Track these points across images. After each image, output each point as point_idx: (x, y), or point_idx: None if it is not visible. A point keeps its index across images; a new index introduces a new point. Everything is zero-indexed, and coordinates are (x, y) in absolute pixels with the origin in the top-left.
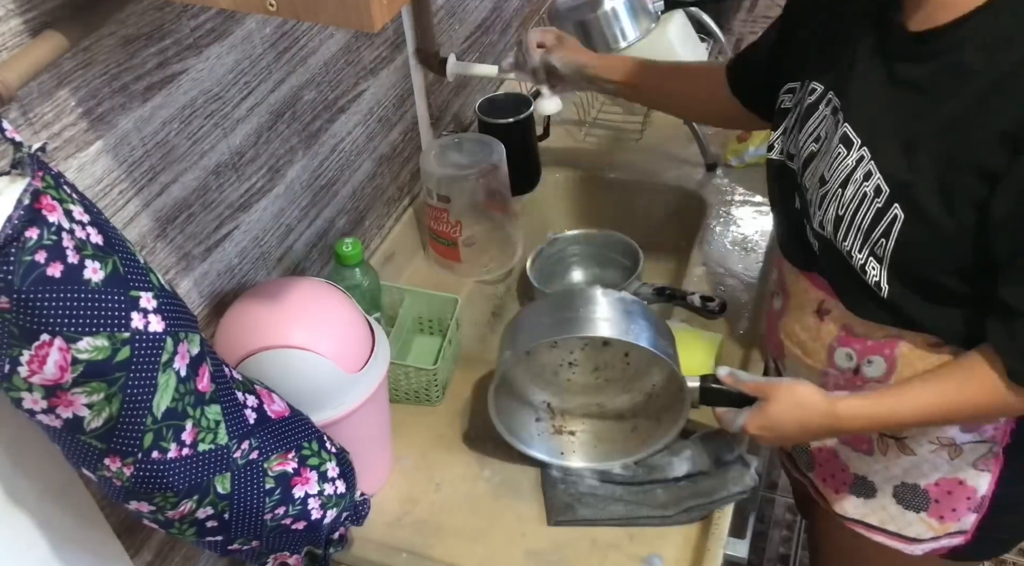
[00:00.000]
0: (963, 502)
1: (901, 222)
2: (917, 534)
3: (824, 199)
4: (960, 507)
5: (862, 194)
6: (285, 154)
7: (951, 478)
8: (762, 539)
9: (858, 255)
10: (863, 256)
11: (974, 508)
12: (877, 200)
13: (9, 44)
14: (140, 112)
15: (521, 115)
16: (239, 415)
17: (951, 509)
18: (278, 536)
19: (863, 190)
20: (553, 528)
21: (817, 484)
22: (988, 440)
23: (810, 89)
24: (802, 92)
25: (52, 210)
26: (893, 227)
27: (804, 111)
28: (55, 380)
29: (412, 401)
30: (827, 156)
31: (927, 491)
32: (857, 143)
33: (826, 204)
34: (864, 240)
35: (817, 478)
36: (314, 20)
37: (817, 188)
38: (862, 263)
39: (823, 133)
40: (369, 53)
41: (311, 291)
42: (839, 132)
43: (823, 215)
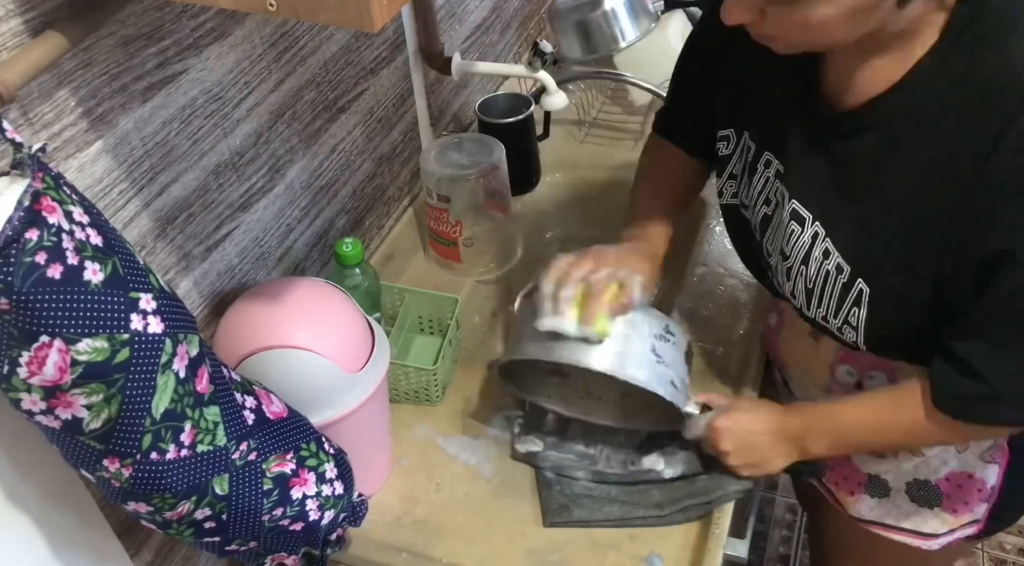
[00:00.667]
0: (974, 494)
1: (868, 295)
2: (933, 529)
3: (790, 273)
4: (972, 499)
5: (825, 271)
6: (285, 154)
7: (960, 472)
8: (762, 539)
9: (833, 321)
10: (838, 321)
11: (985, 499)
12: (841, 276)
13: (9, 44)
14: (140, 112)
15: (521, 115)
16: (237, 416)
17: (963, 502)
18: (276, 537)
19: (825, 268)
20: (553, 528)
21: (831, 488)
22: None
23: (746, 146)
24: (738, 144)
25: (52, 211)
26: (862, 298)
27: (748, 167)
28: (54, 381)
29: (412, 401)
30: (781, 229)
31: (938, 486)
32: (809, 219)
33: (793, 277)
34: (836, 310)
35: (830, 483)
36: (314, 20)
37: (781, 261)
38: (838, 327)
39: (771, 197)
40: (369, 53)
41: (311, 291)
42: (788, 207)
43: (792, 286)
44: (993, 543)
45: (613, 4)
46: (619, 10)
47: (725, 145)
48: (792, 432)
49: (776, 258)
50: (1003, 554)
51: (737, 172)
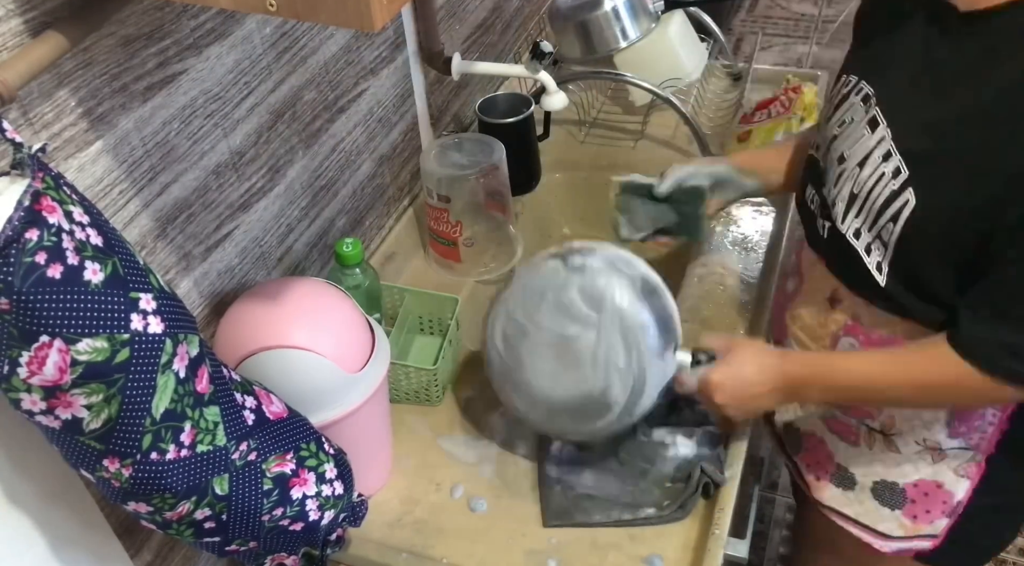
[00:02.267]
0: (938, 506)
1: (911, 208)
2: (888, 530)
3: (840, 177)
4: (935, 510)
5: (879, 174)
6: (285, 154)
7: (930, 480)
8: (762, 539)
9: (866, 235)
10: (870, 236)
11: (948, 513)
12: (893, 182)
13: (9, 44)
14: (140, 112)
15: (521, 115)
16: (237, 416)
17: (925, 510)
18: (276, 537)
19: (881, 170)
20: (553, 528)
21: (801, 468)
22: (972, 448)
23: (846, 81)
24: (838, 86)
25: (52, 211)
26: (902, 212)
27: (837, 101)
28: (54, 381)
29: (412, 401)
30: (850, 137)
31: (905, 490)
32: (883, 124)
33: (842, 182)
34: (873, 221)
35: (802, 462)
36: (314, 20)
37: (835, 166)
38: (868, 243)
39: (848, 118)
40: (369, 53)
41: (311, 291)
42: (868, 115)
43: (837, 192)
44: None
45: (613, 4)
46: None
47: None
48: (790, 383)
49: (830, 170)
50: (1003, 554)
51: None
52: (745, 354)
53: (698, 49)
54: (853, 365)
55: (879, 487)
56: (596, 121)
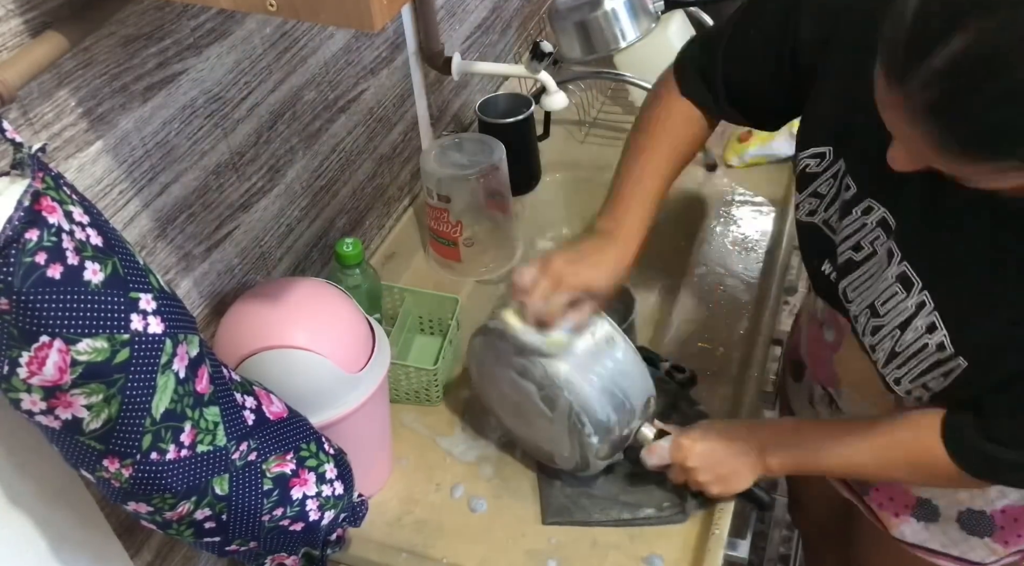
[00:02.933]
0: None
1: (963, 369)
2: (981, 558)
3: (879, 331)
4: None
5: (922, 344)
6: (285, 154)
7: (1019, 506)
8: (762, 539)
9: (906, 384)
10: (912, 385)
11: None
12: (939, 353)
13: (9, 44)
14: (140, 112)
15: (521, 115)
16: (237, 416)
17: (1016, 534)
18: (276, 537)
19: (924, 340)
20: (553, 528)
21: (873, 507)
22: None
23: (845, 183)
24: (833, 168)
25: (52, 211)
26: (952, 373)
27: (841, 204)
28: (54, 381)
29: (412, 401)
30: (879, 286)
31: (992, 517)
32: (918, 285)
33: (881, 337)
34: (917, 377)
35: (873, 502)
36: (314, 20)
37: (867, 315)
38: (908, 389)
39: (865, 245)
40: (369, 53)
41: (311, 291)
42: (895, 268)
43: (876, 342)
44: None
45: (613, 4)
46: (619, 10)
47: (816, 163)
48: (756, 444)
49: (860, 309)
50: None
51: (824, 192)
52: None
53: None
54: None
55: (965, 517)
56: (596, 121)
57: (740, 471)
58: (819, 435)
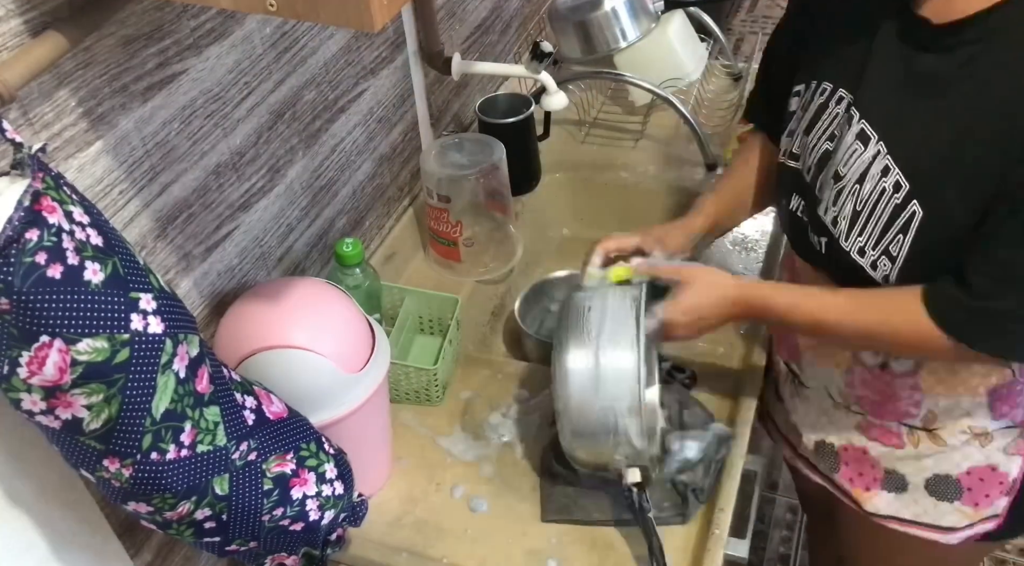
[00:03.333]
0: (996, 487)
1: (919, 219)
2: (952, 523)
3: (840, 195)
4: (993, 492)
5: (880, 189)
6: (285, 154)
7: (983, 466)
8: (762, 539)
9: (871, 252)
10: (876, 253)
11: (1006, 492)
12: (896, 196)
13: (9, 44)
14: (140, 112)
15: (521, 115)
16: (238, 416)
17: (984, 495)
18: (276, 537)
19: (881, 185)
20: (553, 528)
21: (843, 485)
22: (1018, 425)
23: (820, 89)
24: (808, 92)
25: (52, 211)
26: (911, 224)
27: (814, 111)
28: (54, 381)
29: (413, 401)
30: (842, 153)
31: (959, 480)
32: (874, 138)
33: (842, 200)
34: (880, 236)
35: (843, 479)
36: (314, 20)
37: (831, 185)
38: (873, 259)
39: (836, 131)
40: (369, 53)
41: (311, 291)
42: (854, 128)
43: (838, 211)
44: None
45: (613, 4)
46: (619, 10)
47: (795, 101)
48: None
49: (827, 187)
50: (1004, 554)
51: (794, 127)
52: (699, 287)
53: (698, 49)
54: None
55: (932, 482)
56: (596, 121)
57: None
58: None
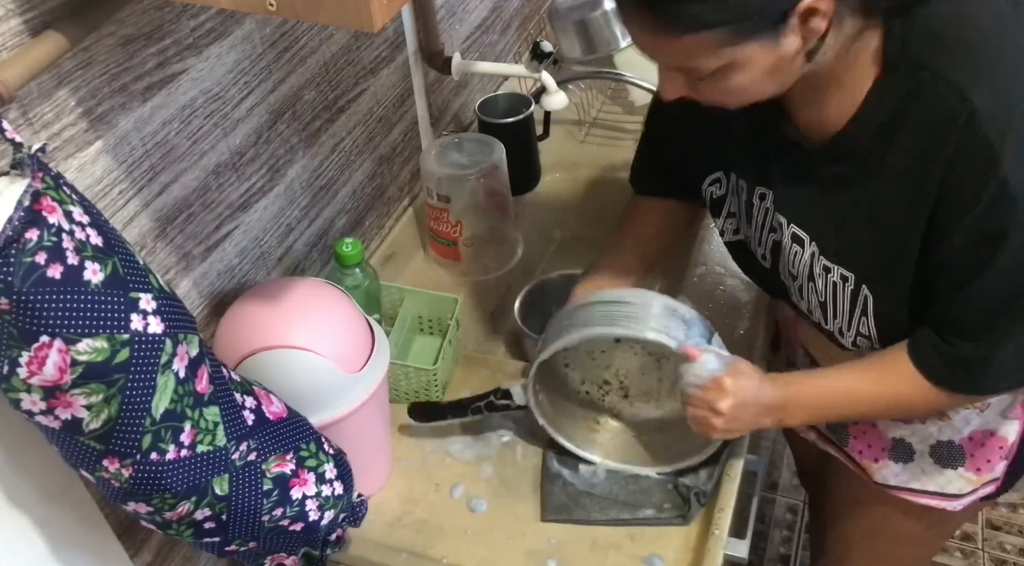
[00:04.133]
0: (996, 452)
1: (872, 302)
2: (958, 490)
3: (802, 290)
4: (994, 457)
5: (831, 283)
6: (285, 154)
7: (983, 430)
8: (762, 539)
9: (848, 334)
10: (852, 334)
11: (1005, 455)
12: (847, 285)
13: (9, 44)
14: (140, 112)
15: (521, 115)
16: (237, 417)
17: (986, 460)
18: (275, 537)
19: (831, 280)
20: (554, 528)
21: (854, 456)
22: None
23: (738, 185)
24: (729, 184)
25: (52, 211)
26: (868, 307)
27: (744, 207)
28: (54, 381)
29: (412, 401)
30: (786, 253)
31: (962, 446)
32: (806, 239)
33: (806, 294)
34: (849, 320)
35: (853, 450)
36: (314, 20)
37: (791, 281)
38: (852, 339)
39: (775, 225)
40: (369, 53)
41: (311, 291)
42: (787, 231)
43: (807, 303)
44: (994, 543)
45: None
46: None
47: (718, 188)
48: (773, 404)
49: (788, 281)
50: (1003, 554)
51: (735, 210)
52: (746, 368)
53: None
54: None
55: (937, 449)
56: (596, 121)
57: (748, 428)
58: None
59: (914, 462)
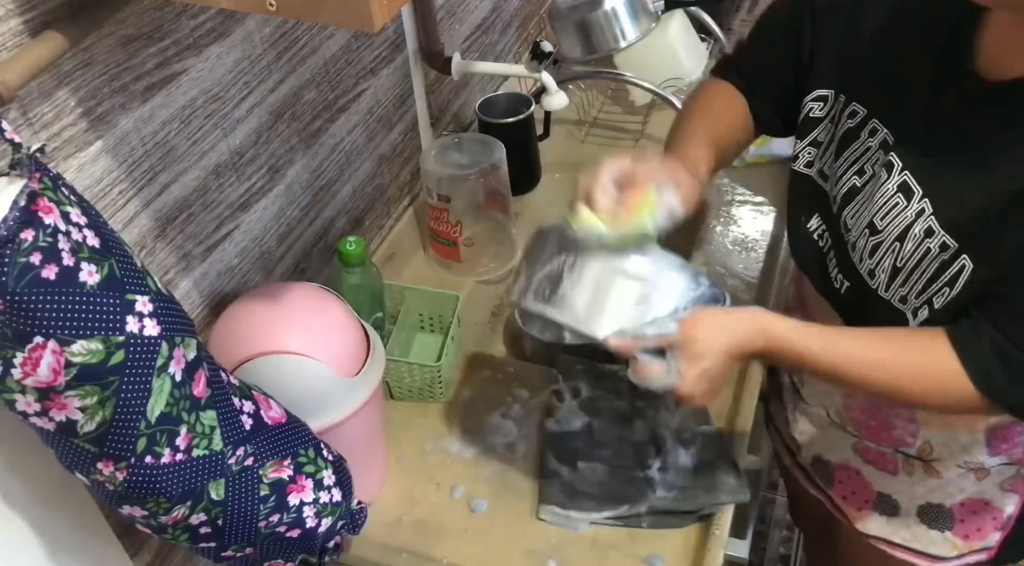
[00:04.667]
0: (989, 522)
1: (968, 272)
2: (942, 553)
3: (878, 249)
4: (986, 527)
5: (925, 249)
6: (285, 154)
7: (977, 499)
8: (762, 539)
9: (914, 301)
10: (918, 302)
11: (999, 527)
12: (943, 255)
13: (9, 44)
14: (140, 112)
15: (521, 115)
16: (235, 421)
17: (976, 528)
18: (272, 543)
19: (926, 245)
20: (553, 528)
21: (837, 501)
22: (1016, 462)
23: (849, 110)
24: (837, 107)
25: (48, 212)
26: (960, 277)
27: (842, 134)
28: (48, 383)
29: (416, 398)
30: (877, 201)
31: (952, 511)
32: (918, 194)
33: (880, 255)
34: (924, 289)
35: (837, 495)
36: (314, 20)
37: (866, 236)
38: (915, 307)
39: (868, 168)
40: (369, 53)
41: (304, 296)
42: (895, 178)
43: (875, 264)
44: None
45: (613, 4)
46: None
47: (819, 107)
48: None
49: (858, 233)
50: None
51: (823, 139)
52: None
53: (698, 49)
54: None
55: (925, 510)
56: (596, 121)
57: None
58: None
59: (899, 517)
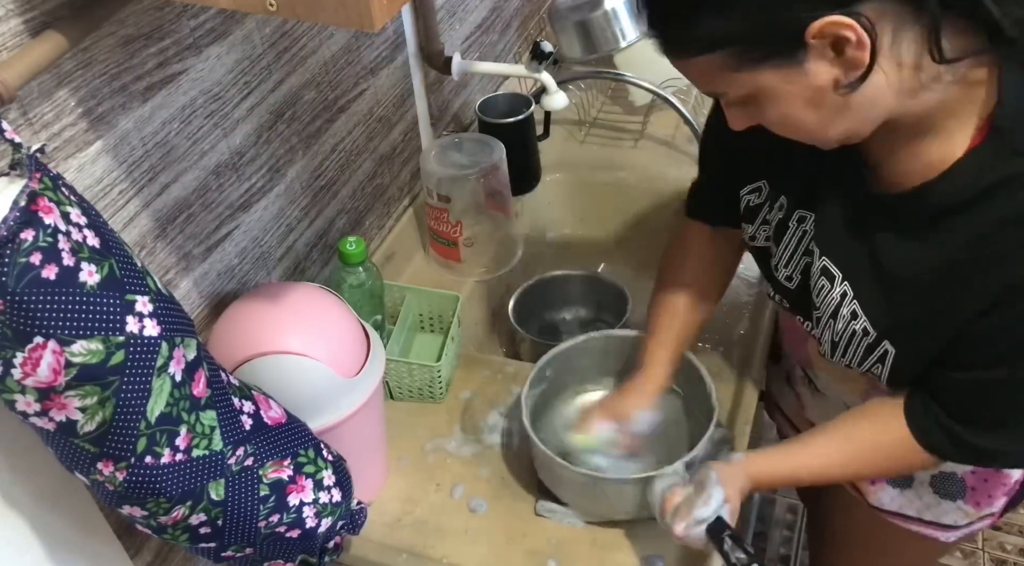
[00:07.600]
0: (999, 488)
1: (892, 356)
2: (954, 521)
3: (819, 322)
4: (996, 493)
5: (851, 331)
6: (285, 154)
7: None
8: (762, 539)
9: (856, 369)
10: (862, 370)
11: (1007, 493)
12: (867, 338)
13: (9, 44)
14: (140, 112)
15: (521, 115)
16: (235, 421)
17: (987, 495)
18: (272, 544)
19: (852, 327)
20: (554, 528)
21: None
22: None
23: (778, 203)
24: (770, 196)
25: (49, 212)
26: (886, 358)
27: (776, 224)
28: (48, 383)
29: (416, 398)
30: (813, 282)
31: (963, 479)
32: (838, 277)
33: (822, 328)
34: (860, 362)
35: None
36: (314, 20)
37: (813, 307)
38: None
39: (805, 250)
40: (369, 53)
41: (304, 296)
42: (818, 263)
43: (819, 333)
44: (994, 544)
45: (613, 4)
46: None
47: (756, 196)
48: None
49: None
50: (1003, 554)
51: (771, 219)
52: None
53: None
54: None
55: (937, 480)
56: (596, 121)
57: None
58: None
59: (912, 489)
